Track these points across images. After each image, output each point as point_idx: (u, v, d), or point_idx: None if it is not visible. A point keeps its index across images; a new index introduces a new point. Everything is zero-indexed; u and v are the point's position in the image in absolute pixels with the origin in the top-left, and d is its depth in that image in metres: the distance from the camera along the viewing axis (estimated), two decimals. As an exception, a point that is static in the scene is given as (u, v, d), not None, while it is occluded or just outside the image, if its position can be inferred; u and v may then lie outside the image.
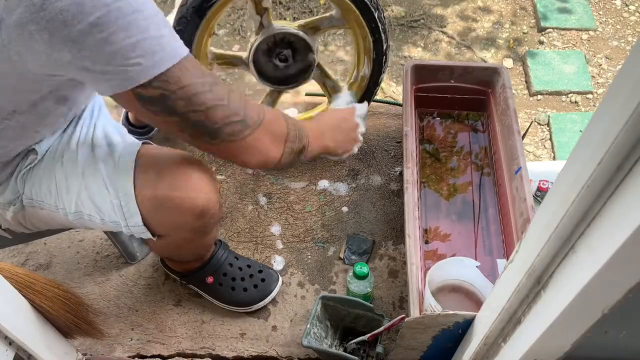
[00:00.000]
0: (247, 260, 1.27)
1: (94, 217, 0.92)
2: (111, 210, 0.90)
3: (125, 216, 0.89)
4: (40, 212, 0.96)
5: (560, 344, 0.62)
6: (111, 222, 0.92)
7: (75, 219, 0.94)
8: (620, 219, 0.44)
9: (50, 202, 0.93)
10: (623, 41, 2.16)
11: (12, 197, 0.94)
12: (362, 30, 1.30)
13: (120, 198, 0.88)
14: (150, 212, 0.89)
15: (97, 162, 0.90)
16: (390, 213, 1.43)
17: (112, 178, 0.88)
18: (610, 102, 0.44)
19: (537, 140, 1.81)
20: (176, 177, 0.88)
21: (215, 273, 1.21)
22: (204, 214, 0.91)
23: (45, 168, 0.93)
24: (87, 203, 0.91)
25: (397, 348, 1.03)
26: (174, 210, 0.89)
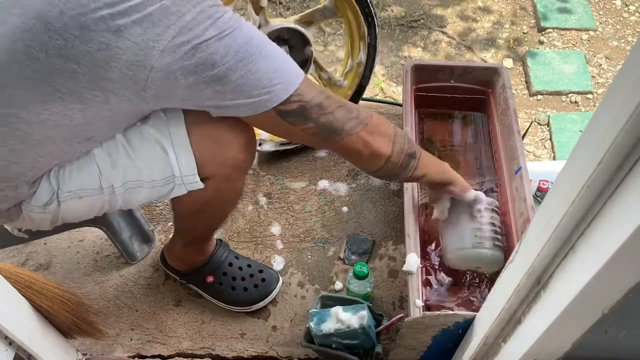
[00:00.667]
0: (248, 260, 1.27)
1: (143, 183, 0.93)
2: (164, 166, 0.92)
3: (180, 168, 0.92)
4: (78, 204, 0.95)
5: (560, 344, 0.62)
6: (162, 179, 0.93)
7: (122, 192, 0.94)
8: (620, 219, 0.44)
9: (94, 186, 0.93)
10: (623, 41, 2.16)
11: (48, 196, 0.93)
12: (357, 17, 1.32)
13: (175, 148, 0.91)
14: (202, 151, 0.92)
15: (140, 126, 0.92)
16: (390, 213, 1.43)
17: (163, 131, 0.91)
18: (610, 102, 0.44)
19: (537, 140, 1.81)
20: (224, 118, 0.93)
21: (216, 272, 1.21)
22: (248, 146, 0.96)
23: (79, 157, 0.93)
24: (137, 168, 0.92)
25: (397, 348, 1.03)
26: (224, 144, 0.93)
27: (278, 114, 0.83)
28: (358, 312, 1.03)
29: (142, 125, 0.92)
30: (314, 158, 1.54)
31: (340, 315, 1.03)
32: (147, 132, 0.91)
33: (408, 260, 1.07)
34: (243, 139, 0.95)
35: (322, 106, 0.87)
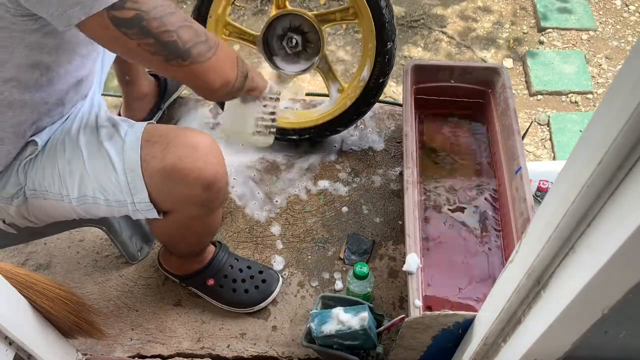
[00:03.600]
0: (248, 261, 1.27)
1: (98, 199, 0.91)
2: (116, 189, 0.90)
3: (132, 192, 0.89)
4: (44, 203, 0.95)
5: (560, 344, 0.62)
6: (116, 201, 0.91)
7: (79, 205, 0.93)
8: (620, 219, 0.44)
9: (55, 191, 0.92)
10: (623, 41, 2.16)
11: (15, 190, 0.93)
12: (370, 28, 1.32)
13: (127, 174, 0.88)
14: (157, 186, 0.89)
15: (101, 142, 0.90)
16: (390, 213, 1.43)
17: (118, 155, 0.89)
18: (610, 102, 0.44)
19: (537, 140, 1.81)
20: (184, 148, 0.89)
21: (216, 275, 1.21)
22: (211, 185, 0.91)
23: (47, 157, 0.92)
24: (91, 184, 0.90)
25: (397, 348, 1.03)
26: (182, 182, 0.88)
27: (112, 20, 0.74)
28: (359, 313, 1.03)
29: (104, 142, 0.90)
30: (314, 158, 1.54)
31: (341, 317, 1.03)
32: (105, 150, 0.89)
33: (408, 260, 1.07)
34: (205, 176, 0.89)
35: (163, 21, 0.77)
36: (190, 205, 0.94)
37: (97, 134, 0.92)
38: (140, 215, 0.94)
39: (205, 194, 0.91)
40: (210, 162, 0.90)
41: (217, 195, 0.95)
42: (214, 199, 0.95)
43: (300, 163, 1.53)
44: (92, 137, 0.92)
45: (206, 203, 0.95)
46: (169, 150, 0.88)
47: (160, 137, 0.90)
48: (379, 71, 1.36)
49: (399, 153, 1.55)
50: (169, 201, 0.93)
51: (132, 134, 0.90)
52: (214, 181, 0.91)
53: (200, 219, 1.01)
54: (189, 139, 0.90)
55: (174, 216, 0.96)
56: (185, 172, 0.88)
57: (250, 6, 2.78)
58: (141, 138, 0.89)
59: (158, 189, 0.90)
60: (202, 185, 0.90)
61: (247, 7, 2.79)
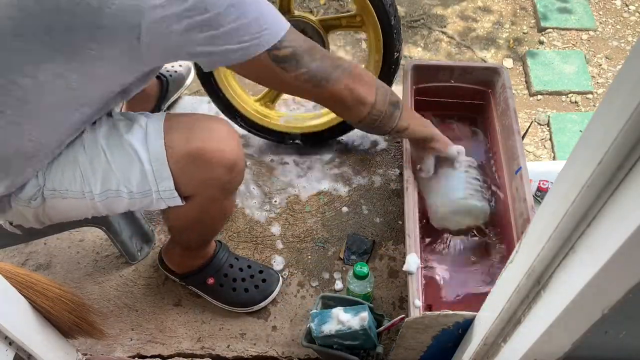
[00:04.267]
0: (248, 260, 1.27)
1: (121, 192, 0.92)
2: (142, 180, 0.91)
3: (157, 181, 0.92)
4: (62, 203, 0.95)
5: (560, 344, 0.62)
6: (140, 192, 0.93)
7: (101, 200, 0.93)
8: (620, 219, 0.44)
9: (76, 189, 0.93)
10: (623, 41, 2.16)
11: (33, 191, 0.93)
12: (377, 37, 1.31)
13: (153, 163, 0.90)
14: (182, 171, 0.92)
15: (121, 136, 0.92)
16: (390, 213, 1.43)
17: (142, 145, 0.91)
18: (610, 102, 0.44)
19: (537, 140, 1.81)
20: (206, 132, 0.93)
21: (217, 274, 1.21)
22: (233, 167, 0.95)
23: (67, 157, 0.93)
24: (115, 177, 0.91)
25: (397, 348, 1.03)
26: (207, 165, 0.92)
27: (272, 59, 0.86)
28: (359, 313, 1.03)
29: (124, 134, 0.92)
30: (314, 158, 1.54)
31: (341, 317, 1.03)
32: (127, 142, 0.91)
33: (408, 260, 1.07)
34: (228, 158, 0.94)
35: (311, 52, 0.90)
36: (212, 188, 0.97)
37: (116, 129, 0.94)
38: (162, 204, 0.96)
39: (227, 175, 0.95)
40: (231, 145, 0.95)
41: (237, 176, 0.99)
42: (234, 181, 0.99)
43: (300, 163, 1.53)
44: (112, 132, 0.93)
45: (227, 185, 0.98)
46: (193, 135, 0.92)
47: (181, 124, 0.95)
48: (384, 80, 1.35)
49: (399, 153, 1.55)
50: (191, 185, 0.95)
51: (153, 123, 0.93)
52: (235, 163, 0.95)
53: (219, 201, 1.03)
54: (209, 124, 0.95)
55: (194, 200, 0.98)
56: (210, 155, 0.92)
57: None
58: (163, 126, 0.92)
59: (183, 173, 0.92)
60: (225, 167, 0.94)
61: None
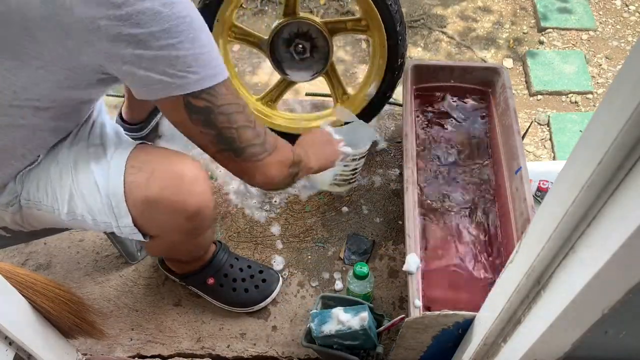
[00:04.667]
0: (247, 260, 1.27)
1: (86, 217, 0.91)
2: (102, 211, 0.90)
3: (116, 217, 0.89)
4: (37, 213, 0.96)
5: (560, 344, 0.62)
6: (102, 222, 0.91)
7: (68, 220, 0.93)
8: (620, 219, 0.44)
9: (47, 203, 0.93)
10: (623, 41, 2.16)
11: (10, 197, 0.94)
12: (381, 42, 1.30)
13: (111, 199, 0.88)
14: (141, 214, 0.89)
15: (89, 162, 0.90)
16: (390, 213, 1.43)
17: (103, 179, 0.88)
18: (610, 102, 0.44)
19: (537, 140, 1.81)
20: (168, 178, 0.88)
21: (217, 274, 1.21)
22: (195, 216, 0.91)
23: (43, 168, 0.93)
24: (79, 203, 0.90)
25: (397, 348, 1.03)
26: (165, 213, 0.89)
27: (185, 105, 0.79)
28: (359, 313, 1.03)
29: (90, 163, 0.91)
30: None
31: (341, 317, 1.03)
32: (91, 172, 0.90)
33: (408, 260, 1.07)
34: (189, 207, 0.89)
35: (229, 118, 0.82)
36: (175, 233, 0.95)
37: (87, 154, 0.92)
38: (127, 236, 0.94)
39: (189, 223, 0.92)
40: (194, 193, 0.90)
41: (202, 223, 0.96)
42: (199, 227, 0.96)
43: (300, 163, 1.53)
44: (83, 154, 0.92)
45: (191, 231, 0.96)
46: (153, 179, 0.88)
47: (145, 164, 0.90)
48: (387, 86, 1.36)
49: (399, 153, 1.55)
50: (153, 228, 0.93)
51: (117, 157, 0.90)
52: (197, 212, 0.91)
53: (187, 242, 1.03)
54: (174, 167, 0.90)
55: (159, 239, 0.97)
56: (168, 203, 0.88)
57: (250, 6, 2.78)
58: (126, 163, 0.89)
59: (142, 216, 0.90)
60: (185, 216, 0.90)
61: (247, 8, 2.79)
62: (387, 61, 1.32)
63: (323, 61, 1.34)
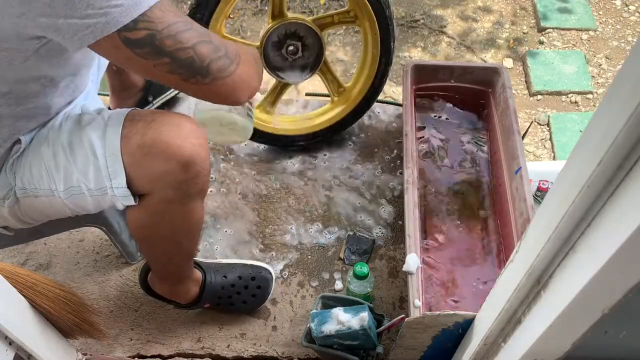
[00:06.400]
0: (236, 271, 1.21)
1: (82, 189, 0.90)
2: (96, 175, 0.88)
3: (111, 177, 0.87)
4: (35, 202, 0.94)
5: (560, 344, 0.62)
6: (97, 190, 0.90)
7: (67, 197, 0.91)
8: (620, 219, 0.44)
9: (45, 187, 0.91)
10: (623, 41, 2.16)
11: (5, 191, 0.93)
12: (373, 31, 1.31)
13: (107, 158, 0.86)
14: (135, 164, 0.87)
15: (83, 128, 0.89)
16: (390, 213, 1.43)
17: (100, 139, 0.87)
18: (610, 102, 0.44)
19: (537, 140, 1.81)
20: (166, 125, 0.87)
21: (211, 299, 1.19)
22: (189, 164, 0.87)
23: (33, 153, 0.91)
24: (75, 173, 0.89)
25: (397, 348, 1.03)
26: (160, 156, 0.86)
27: (124, 42, 0.73)
28: (359, 313, 1.03)
29: (84, 128, 0.90)
30: (314, 158, 1.54)
31: (341, 317, 1.03)
32: (86, 136, 0.89)
33: (408, 260, 1.07)
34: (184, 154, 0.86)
35: (177, 38, 0.76)
36: (165, 185, 0.90)
37: (79, 122, 0.91)
38: (118, 204, 0.92)
39: (182, 173, 0.88)
40: (190, 141, 0.87)
41: (196, 179, 0.91)
42: (191, 182, 0.91)
43: (299, 163, 1.53)
44: (75, 127, 0.91)
45: (182, 185, 0.91)
46: (151, 126, 0.86)
47: (144, 116, 0.89)
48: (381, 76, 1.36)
49: (399, 153, 1.55)
50: (145, 180, 0.90)
51: (115, 115, 0.90)
52: (192, 161, 0.88)
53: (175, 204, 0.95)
54: (173, 118, 0.89)
55: (149, 200, 0.93)
56: (164, 146, 0.85)
57: (250, 6, 2.78)
58: (125, 118, 0.88)
59: (136, 166, 0.87)
60: (179, 163, 0.87)
61: (247, 8, 2.79)
62: (381, 49, 1.32)
63: (316, 58, 1.34)
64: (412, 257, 1.07)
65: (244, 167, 1.52)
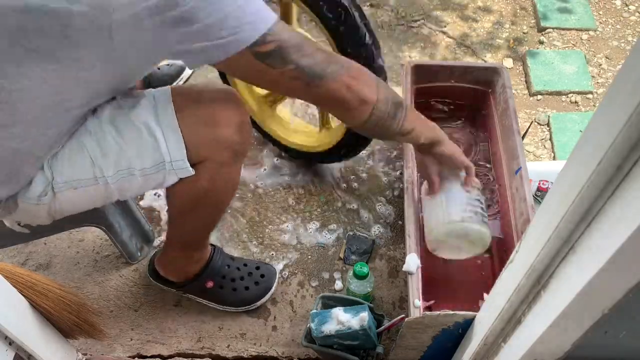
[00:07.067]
0: (242, 259, 1.27)
1: (134, 170, 0.92)
2: (153, 152, 0.91)
3: (169, 150, 0.91)
4: (74, 195, 0.94)
5: (560, 344, 0.62)
6: (152, 167, 0.92)
7: (114, 182, 0.93)
8: (620, 219, 0.44)
9: (88, 176, 0.92)
10: (623, 41, 2.16)
11: (42, 187, 0.92)
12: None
13: (164, 131, 0.90)
14: (192, 132, 0.91)
15: (128, 113, 0.91)
16: (391, 213, 1.43)
17: (152, 115, 0.90)
18: (610, 102, 0.44)
19: (537, 140, 1.81)
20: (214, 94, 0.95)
21: (215, 277, 1.21)
22: (242, 126, 0.95)
23: (72, 147, 0.92)
24: (126, 156, 0.91)
25: (397, 348, 1.03)
26: (216, 123, 0.92)
27: (255, 56, 0.80)
28: (359, 313, 1.03)
29: (131, 111, 0.91)
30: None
31: (341, 317, 1.03)
32: (135, 117, 0.91)
33: (408, 260, 1.07)
34: (236, 119, 0.94)
35: (300, 47, 0.83)
36: (222, 149, 0.95)
37: (120, 109, 0.93)
38: (174, 177, 0.94)
39: (237, 135, 0.95)
40: (239, 106, 0.96)
41: (247, 138, 0.99)
42: (245, 142, 0.98)
43: (299, 163, 1.53)
44: (117, 112, 0.93)
45: (237, 147, 0.97)
46: (202, 96, 0.94)
47: (189, 90, 0.96)
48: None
49: (399, 153, 1.55)
50: (203, 148, 0.94)
51: (160, 93, 0.94)
52: (244, 123, 0.96)
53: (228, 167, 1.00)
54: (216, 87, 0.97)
55: (204, 168, 0.96)
56: (219, 114, 0.93)
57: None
58: (172, 94, 0.93)
59: (193, 136, 0.92)
60: (234, 126, 0.94)
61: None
62: None
63: None
64: (412, 257, 1.07)
65: (244, 166, 1.52)
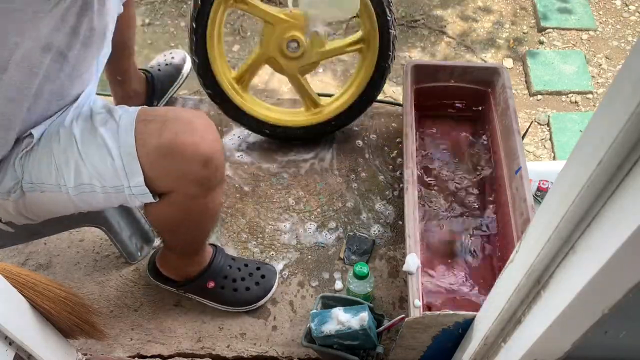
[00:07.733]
0: (243, 260, 1.27)
1: (95, 187, 0.91)
2: (112, 174, 0.89)
3: (128, 177, 0.89)
4: (41, 197, 0.95)
5: (560, 344, 0.62)
6: (112, 187, 0.91)
7: (76, 194, 0.92)
8: (621, 219, 0.44)
9: (52, 182, 0.92)
10: (623, 41, 2.16)
11: (12, 183, 0.93)
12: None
13: (123, 158, 0.88)
14: (153, 165, 0.88)
15: (96, 129, 0.90)
16: (391, 213, 1.43)
17: (113, 139, 0.88)
18: (610, 102, 0.44)
19: (537, 140, 1.81)
20: (180, 124, 0.89)
21: (216, 277, 1.20)
22: (209, 161, 0.90)
23: (43, 149, 0.92)
24: (87, 171, 0.90)
25: (397, 348, 1.03)
26: (180, 157, 0.88)
27: None
28: (359, 313, 1.03)
29: (98, 128, 0.91)
30: (313, 158, 1.54)
31: (341, 317, 1.03)
32: (101, 136, 0.90)
33: (408, 260, 1.07)
34: (203, 152, 0.88)
35: None
36: (188, 183, 0.92)
37: (91, 121, 0.92)
38: (136, 201, 0.93)
39: (203, 170, 0.90)
40: (207, 138, 0.90)
41: (215, 173, 0.94)
42: (212, 177, 0.94)
43: (299, 163, 1.53)
44: (86, 124, 0.92)
45: (204, 181, 0.93)
46: (166, 127, 0.88)
47: (156, 116, 0.90)
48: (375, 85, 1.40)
49: (399, 153, 1.55)
50: (166, 180, 0.91)
51: (126, 116, 0.91)
52: (211, 157, 0.90)
53: (199, 199, 0.98)
54: (185, 116, 0.90)
55: (172, 198, 0.95)
56: (183, 147, 0.87)
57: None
58: (136, 119, 0.89)
59: (154, 167, 0.89)
60: (199, 161, 0.89)
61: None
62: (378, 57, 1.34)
63: None
64: (412, 257, 1.07)
65: (244, 167, 1.52)
